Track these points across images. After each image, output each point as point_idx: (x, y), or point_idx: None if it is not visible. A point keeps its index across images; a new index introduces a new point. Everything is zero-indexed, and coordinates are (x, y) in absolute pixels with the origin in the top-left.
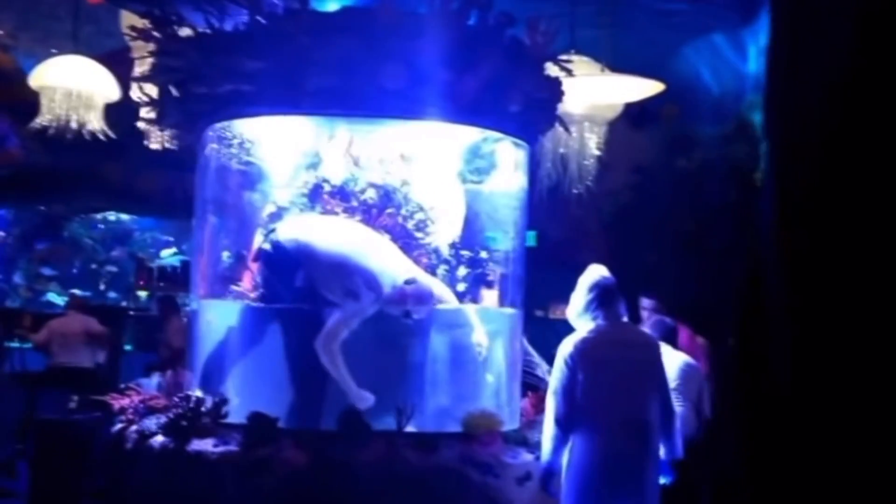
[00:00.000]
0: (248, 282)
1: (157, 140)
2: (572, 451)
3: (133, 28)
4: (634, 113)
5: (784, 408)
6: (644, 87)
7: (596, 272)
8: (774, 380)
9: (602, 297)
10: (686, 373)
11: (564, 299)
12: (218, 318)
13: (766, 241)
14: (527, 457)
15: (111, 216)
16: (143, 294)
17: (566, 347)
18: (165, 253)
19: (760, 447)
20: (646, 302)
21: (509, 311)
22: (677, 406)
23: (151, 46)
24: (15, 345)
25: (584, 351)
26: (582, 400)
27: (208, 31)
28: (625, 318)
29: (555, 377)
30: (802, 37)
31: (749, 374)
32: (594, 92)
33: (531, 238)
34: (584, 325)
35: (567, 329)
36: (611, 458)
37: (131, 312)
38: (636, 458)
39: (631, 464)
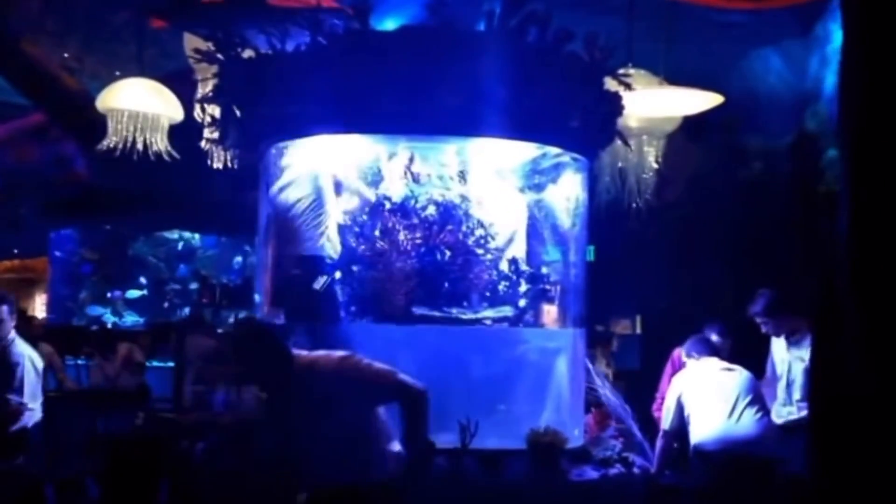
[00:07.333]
0: None
1: (220, 159)
2: None
3: (197, 50)
4: (693, 125)
5: (861, 422)
6: (703, 100)
7: None
8: (852, 392)
9: None
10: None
11: (624, 314)
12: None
13: (841, 254)
14: (591, 474)
15: (175, 234)
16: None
17: None
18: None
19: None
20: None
21: (572, 329)
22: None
23: (215, 68)
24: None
25: None
26: None
27: (270, 52)
28: None
29: None
30: (879, 39)
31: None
32: (652, 105)
33: (590, 253)
34: None
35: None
36: None
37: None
38: None
39: None
